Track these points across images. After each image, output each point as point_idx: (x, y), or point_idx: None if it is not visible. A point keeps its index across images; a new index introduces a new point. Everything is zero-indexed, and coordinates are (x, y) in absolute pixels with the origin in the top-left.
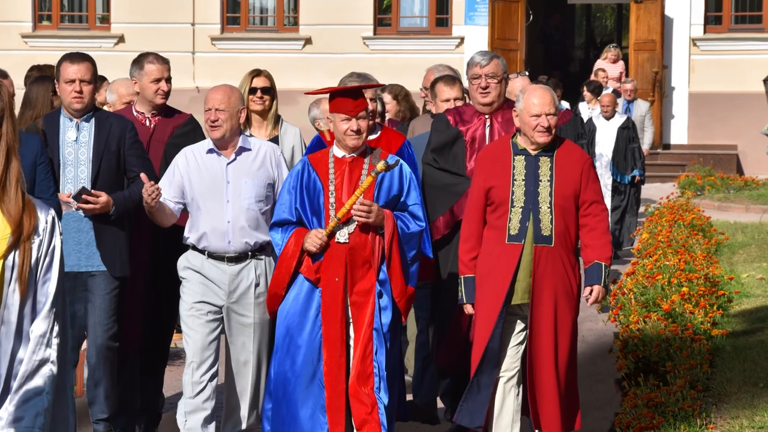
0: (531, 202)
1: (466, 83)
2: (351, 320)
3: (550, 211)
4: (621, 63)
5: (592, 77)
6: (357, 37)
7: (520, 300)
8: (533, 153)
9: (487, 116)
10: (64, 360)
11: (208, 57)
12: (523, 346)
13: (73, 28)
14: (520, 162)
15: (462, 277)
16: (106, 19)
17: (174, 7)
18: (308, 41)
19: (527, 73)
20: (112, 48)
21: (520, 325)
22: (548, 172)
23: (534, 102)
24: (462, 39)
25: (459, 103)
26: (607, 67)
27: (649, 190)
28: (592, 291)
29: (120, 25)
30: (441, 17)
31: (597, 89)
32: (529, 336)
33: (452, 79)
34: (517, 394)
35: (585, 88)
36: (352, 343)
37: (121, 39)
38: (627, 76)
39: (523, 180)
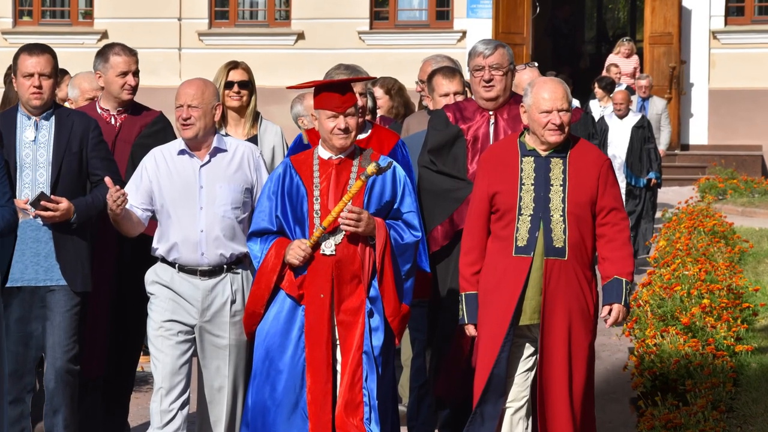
0: (541, 209)
1: (467, 75)
2: (338, 342)
3: (563, 220)
4: (635, 58)
5: (604, 73)
6: (352, 31)
7: (529, 320)
8: (543, 154)
9: (491, 113)
10: (0, 393)
11: (196, 53)
12: (533, 373)
13: (55, 23)
14: (528, 164)
15: (463, 294)
16: (89, 15)
17: (160, 2)
18: (301, 36)
19: (536, 65)
20: (95, 44)
21: (529, 349)
22: (560, 175)
23: (544, 96)
24: (464, 33)
25: (459, 98)
26: (620, 62)
27: (666, 194)
28: (611, 310)
29: (103, 21)
30: (441, 10)
31: (609, 86)
32: (540, 361)
33: (452, 71)
34: (526, 428)
35: (596, 85)
36: (339, 368)
37: (104, 35)
38: (642, 71)
39: (532, 184)
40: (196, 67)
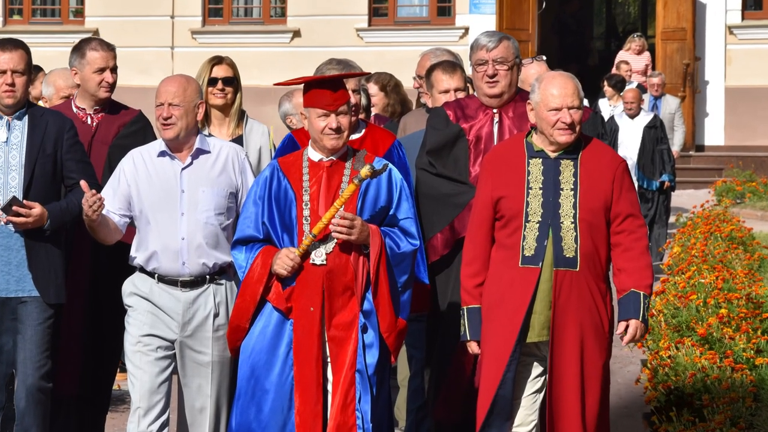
0: (550, 216)
1: (469, 70)
2: (329, 359)
3: (574, 228)
4: (647, 54)
5: (614, 71)
6: (350, 28)
7: (537, 337)
8: (553, 155)
9: (495, 110)
10: None
11: (189, 52)
12: (542, 395)
13: (46, 22)
14: (536, 166)
15: (465, 308)
16: (80, 13)
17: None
18: (297, 34)
19: (544, 58)
20: None
21: (537, 369)
22: (571, 178)
23: (553, 93)
24: (466, 29)
25: (461, 95)
26: (630, 59)
27: (680, 198)
28: (627, 327)
29: (95, 19)
30: (443, 6)
31: (619, 84)
32: (549, 382)
33: (452, 65)
34: None
35: (606, 83)
36: (330, 387)
37: (95, 34)
38: (654, 69)
39: (540, 188)
40: (189, 66)
